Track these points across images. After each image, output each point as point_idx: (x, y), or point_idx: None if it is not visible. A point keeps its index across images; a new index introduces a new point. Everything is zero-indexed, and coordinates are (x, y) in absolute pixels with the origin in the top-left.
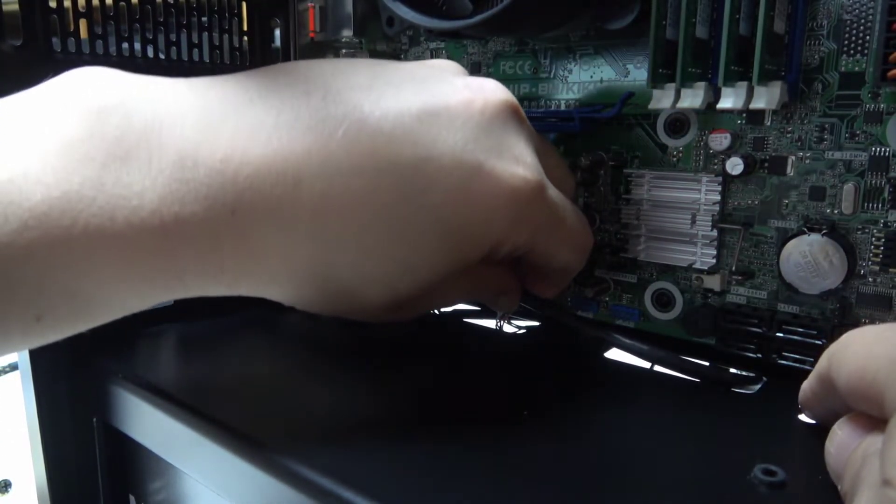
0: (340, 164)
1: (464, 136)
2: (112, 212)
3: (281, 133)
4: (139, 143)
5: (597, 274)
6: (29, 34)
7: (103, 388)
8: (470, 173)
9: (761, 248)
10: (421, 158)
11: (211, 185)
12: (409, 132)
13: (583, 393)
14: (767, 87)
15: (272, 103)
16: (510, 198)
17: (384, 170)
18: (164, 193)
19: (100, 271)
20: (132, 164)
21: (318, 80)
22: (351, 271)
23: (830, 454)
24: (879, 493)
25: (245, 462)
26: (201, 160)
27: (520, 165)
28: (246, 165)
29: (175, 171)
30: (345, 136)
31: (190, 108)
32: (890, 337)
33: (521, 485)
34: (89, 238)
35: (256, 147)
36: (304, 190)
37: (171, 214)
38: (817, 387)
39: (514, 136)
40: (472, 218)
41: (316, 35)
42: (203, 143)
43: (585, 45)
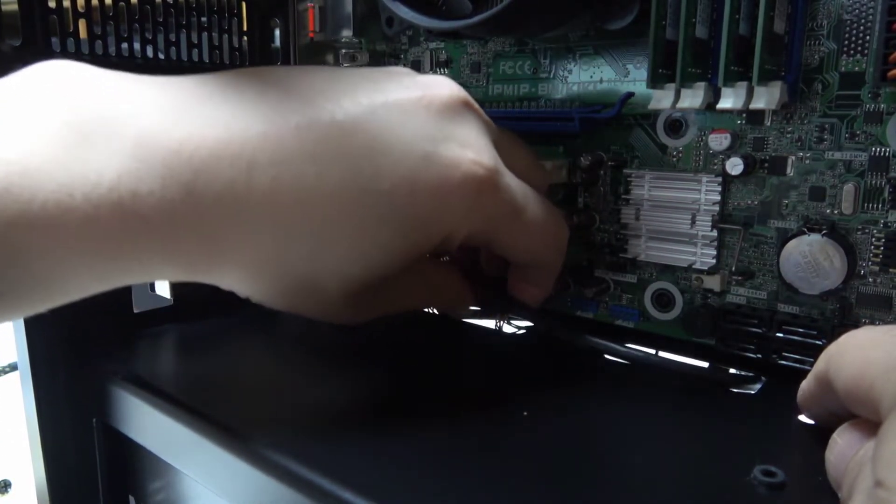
0: (293, 151)
1: (413, 127)
2: (71, 188)
3: (237, 122)
4: (99, 126)
5: (597, 274)
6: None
7: (103, 388)
8: (418, 161)
9: (761, 249)
10: (371, 148)
11: (167, 165)
12: (361, 124)
13: (582, 393)
14: (767, 88)
15: (230, 98)
16: (460, 182)
17: (335, 158)
18: (122, 171)
19: (58, 248)
20: (92, 145)
21: (275, 81)
22: (305, 258)
23: (830, 462)
24: (872, 495)
25: (245, 462)
26: (159, 142)
27: (468, 150)
28: (201, 148)
29: (134, 150)
30: (298, 127)
31: (151, 98)
32: (887, 341)
33: (520, 485)
34: (48, 214)
35: (212, 133)
36: (257, 174)
37: (128, 192)
38: (815, 388)
39: (464, 125)
40: (422, 204)
41: (315, 35)
42: (161, 128)
43: (585, 45)
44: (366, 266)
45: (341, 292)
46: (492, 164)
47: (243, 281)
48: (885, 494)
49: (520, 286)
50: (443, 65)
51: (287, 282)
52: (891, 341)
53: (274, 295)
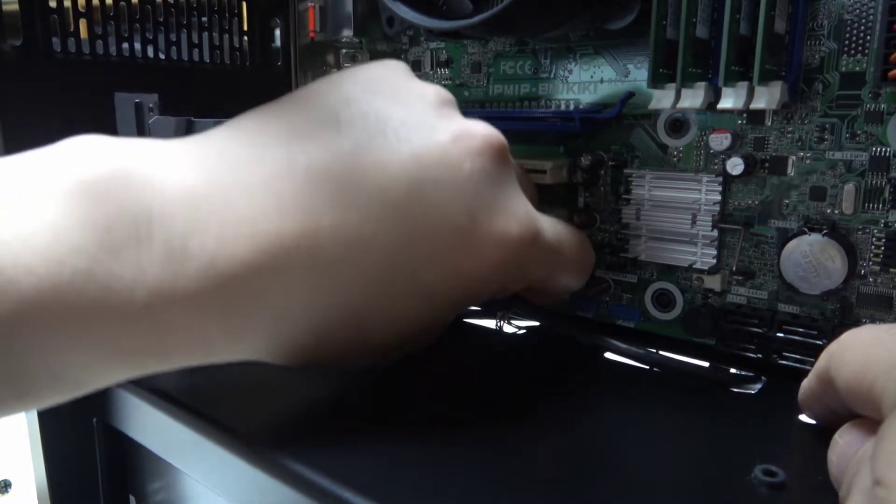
0: (328, 255)
1: (454, 203)
2: (102, 303)
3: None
4: (129, 232)
5: (597, 274)
6: (29, 34)
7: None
8: (464, 245)
9: (762, 249)
10: (411, 239)
11: (200, 279)
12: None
13: (583, 393)
14: (768, 88)
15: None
16: (509, 258)
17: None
18: (155, 287)
19: (87, 357)
20: (122, 257)
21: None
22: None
23: (832, 462)
24: (871, 494)
25: (245, 462)
26: (190, 254)
27: (514, 222)
28: (234, 260)
29: (165, 264)
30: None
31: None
32: (889, 339)
33: (520, 485)
34: (78, 327)
35: (244, 240)
36: (295, 280)
37: (161, 307)
38: (816, 386)
39: (506, 189)
40: (468, 287)
41: (316, 35)
42: (191, 235)
43: (585, 45)
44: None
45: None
46: (534, 229)
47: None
48: (885, 493)
49: (539, 298)
50: (443, 65)
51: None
52: (893, 340)
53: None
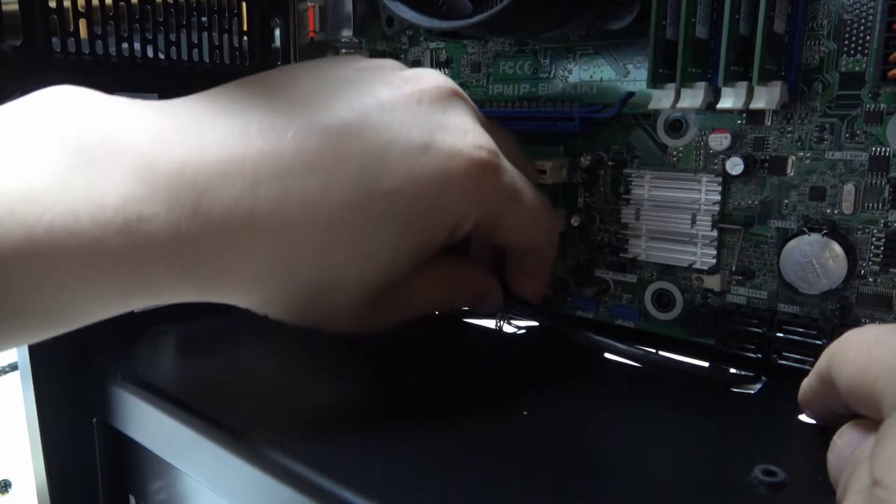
0: (294, 164)
1: (408, 123)
2: (76, 211)
3: (235, 139)
4: (102, 150)
5: (597, 274)
6: (29, 34)
7: (103, 388)
8: (419, 155)
9: (761, 249)
10: (369, 149)
11: (171, 186)
12: (357, 128)
13: (583, 393)
14: (767, 87)
15: (225, 114)
16: (464, 168)
17: (337, 165)
18: (127, 194)
19: (64, 272)
20: (95, 169)
21: (267, 91)
22: (316, 268)
23: (831, 464)
24: (870, 494)
25: (245, 462)
26: (160, 165)
27: (467, 135)
28: (203, 168)
29: (137, 174)
30: (294, 138)
31: (151, 120)
32: (890, 340)
33: (520, 484)
34: (53, 236)
35: (212, 152)
36: (262, 191)
37: (133, 213)
38: (817, 386)
39: (457, 113)
40: (429, 196)
41: (316, 35)
42: (163, 150)
43: (585, 45)
44: (378, 267)
45: (357, 297)
46: (493, 147)
47: (257, 296)
48: (884, 493)
49: (519, 279)
50: (443, 65)
51: (302, 293)
52: (894, 340)
53: (290, 308)
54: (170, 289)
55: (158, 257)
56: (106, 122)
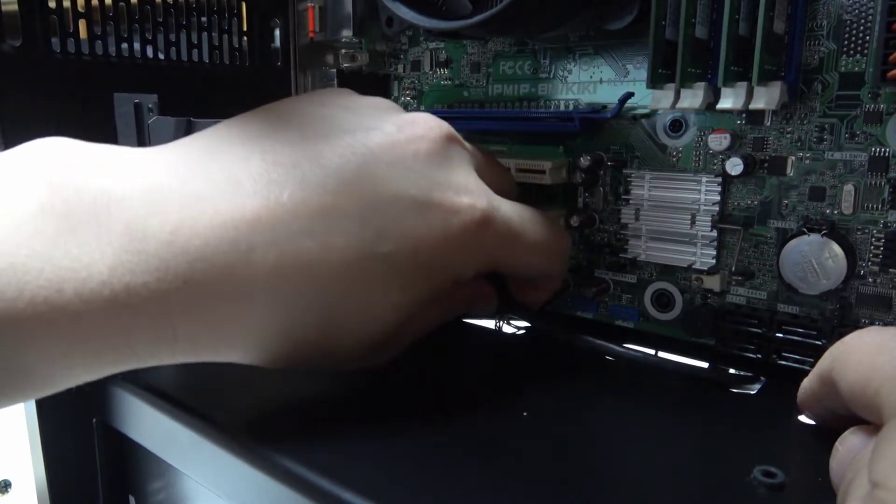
0: (290, 227)
1: (405, 179)
2: (60, 284)
3: (227, 203)
4: (88, 216)
5: (597, 274)
6: (29, 34)
7: (103, 388)
8: (415, 216)
9: (761, 249)
10: (366, 207)
11: (161, 257)
12: (351, 184)
13: (582, 393)
14: (767, 88)
15: (217, 169)
16: (460, 229)
17: (333, 227)
18: (115, 265)
19: (46, 345)
20: (81, 237)
21: (254, 141)
22: (316, 329)
23: (833, 470)
24: (871, 495)
25: (245, 463)
26: (151, 232)
27: (464, 195)
28: (196, 237)
29: (125, 242)
30: (290, 199)
31: (139, 180)
32: (893, 347)
33: (520, 485)
34: (36, 310)
35: (204, 217)
36: (258, 256)
37: (121, 285)
38: (817, 387)
39: (454, 166)
40: (426, 258)
41: (315, 35)
42: (152, 215)
43: (585, 46)
44: (380, 323)
45: (360, 349)
46: (486, 204)
47: (256, 356)
48: (885, 495)
49: (523, 290)
50: (443, 65)
51: (299, 348)
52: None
53: (289, 360)
54: (161, 355)
55: (148, 328)
56: (97, 180)
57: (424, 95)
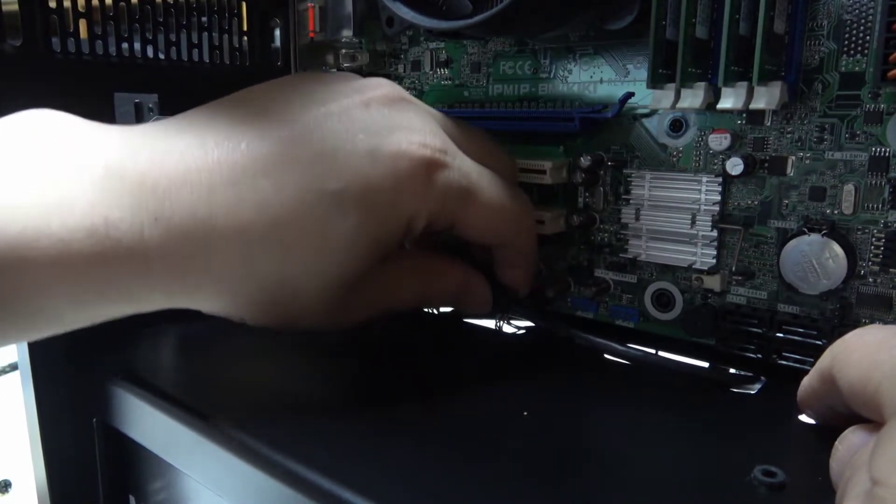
0: (247, 170)
1: (355, 127)
2: (47, 216)
3: (192, 151)
4: (71, 161)
5: (597, 274)
6: (29, 34)
7: (103, 388)
8: (364, 156)
9: (761, 249)
10: (319, 153)
11: (134, 194)
12: (304, 134)
13: (582, 393)
14: (767, 88)
15: (185, 130)
16: (410, 166)
17: (286, 168)
18: (94, 200)
19: (37, 273)
20: (65, 178)
21: (222, 113)
22: (276, 266)
23: (833, 469)
24: (871, 494)
25: (245, 463)
26: (125, 173)
27: (415, 134)
28: (163, 178)
29: (103, 182)
30: (248, 148)
31: (117, 135)
32: (894, 345)
33: (520, 484)
34: (26, 241)
35: (171, 163)
36: (218, 196)
37: (100, 217)
38: (818, 384)
39: (405, 114)
40: (377, 195)
41: (316, 35)
42: (126, 159)
43: (585, 46)
44: (337, 261)
45: (321, 293)
46: (439, 145)
47: (224, 300)
48: (885, 493)
49: (500, 270)
50: (443, 65)
51: (267, 292)
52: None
53: (257, 309)
54: (140, 294)
55: (126, 261)
56: (76, 136)
57: (425, 95)
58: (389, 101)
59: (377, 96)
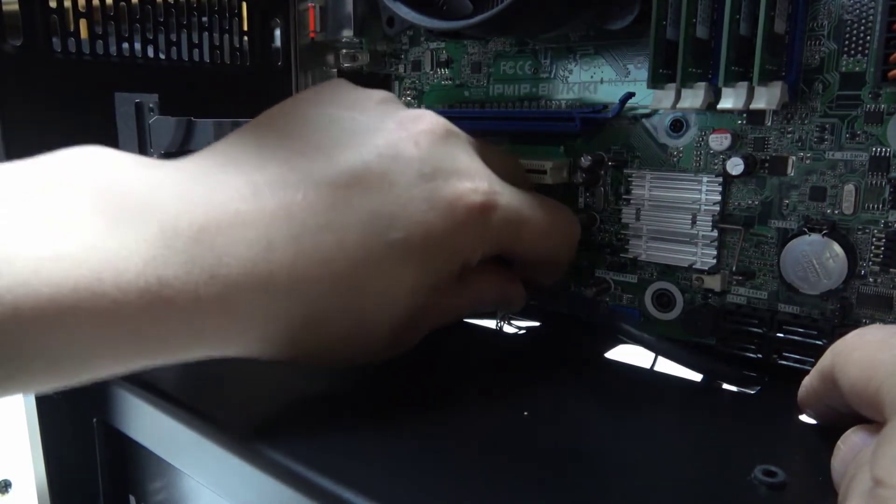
0: (306, 223)
1: (410, 172)
2: (100, 273)
3: (248, 203)
4: (126, 213)
5: (597, 274)
6: (29, 34)
7: (103, 388)
8: (421, 203)
9: (762, 249)
10: (377, 204)
11: (189, 252)
12: (361, 181)
13: (583, 393)
14: (768, 88)
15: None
16: (465, 214)
17: (348, 220)
18: (149, 258)
19: (84, 332)
20: (120, 233)
21: (269, 149)
22: (339, 319)
23: (835, 469)
24: (872, 494)
25: (245, 462)
26: (181, 230)
27: (466, 180)
28: (220, 235)
29: (158, 239)
30: (305, 199)
31: (169, 188)
32: (894, 344)
33: (521, 485)
34: (77, 297)
35: (227, 217)
36: (278, 252)
37: (154, 277)
38: (818, 384)
39: (455, 154)
40: (436, 243)
41: (316, 35)
42: (181, 215)
43: (585, 45)
44: (400, 308)
45: (383, 339)
46: (489, 188)
47: (283, 350)
48: (886, 493)
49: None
50: (443, 65)
51: (323, 340)
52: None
53: (320, 356)
54: (189, 349)
55: (178, 319)
56: (133, 184)
57: (425, 95)
58: (436, 137)
59: (424, 131)
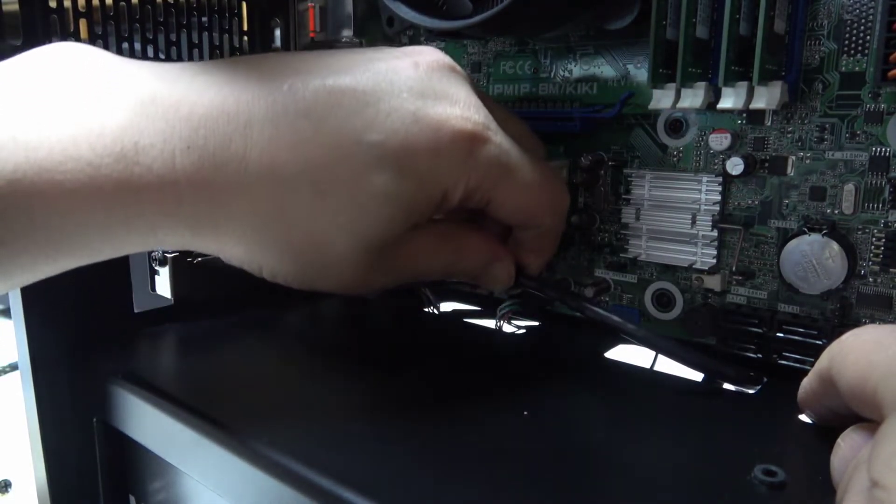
0: (287, 108)
1: (401, 85)
2: (76, 137)
3: (231, 87)
4: (105, 87)
5: (597, 274)
6: (29, 34)
7: (103, 388)
8: (408, 116)
9: (761, 249)
10: (362, 102)
11: (167, 120)
12: (349, 84)
13: (582, 393)
14: (768, 87)
15: (223, 70)
16: (451, 137)
17: (328, 112)
18: (125, 125)
19: (64, 199)
20: (97, 103)
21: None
22: (308, 216)
23: (835, 468)
24: (870, 495)
25: (245, 462)
26: (159, 100)
27: (458, 107)
28: (199, 106)
29: (136, 107)
30: (290, 88)
31: (151, 69)
32: (890, 345)
33: (520, 484)
34: (53, 160)
35: (208, 94)
36: (254, 130)
37: (131, 142)
38: (817, 385)
39: (451, 84)
40: (413, 160)
41: (316, 35)
42: (161, 89)
43: (585, 45)
44: (369, 221)
45: (350, 252)
46: (482, 120)
47: (247, 243)
48: (883, 494)
49: (518, 252)
50: None
51: (295, 244)
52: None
53: (279, 260)
54: (166, 227)
55: (155, 190)
56: (111, 67)
57: None
58: (438, 67)
59: (426, 60)
